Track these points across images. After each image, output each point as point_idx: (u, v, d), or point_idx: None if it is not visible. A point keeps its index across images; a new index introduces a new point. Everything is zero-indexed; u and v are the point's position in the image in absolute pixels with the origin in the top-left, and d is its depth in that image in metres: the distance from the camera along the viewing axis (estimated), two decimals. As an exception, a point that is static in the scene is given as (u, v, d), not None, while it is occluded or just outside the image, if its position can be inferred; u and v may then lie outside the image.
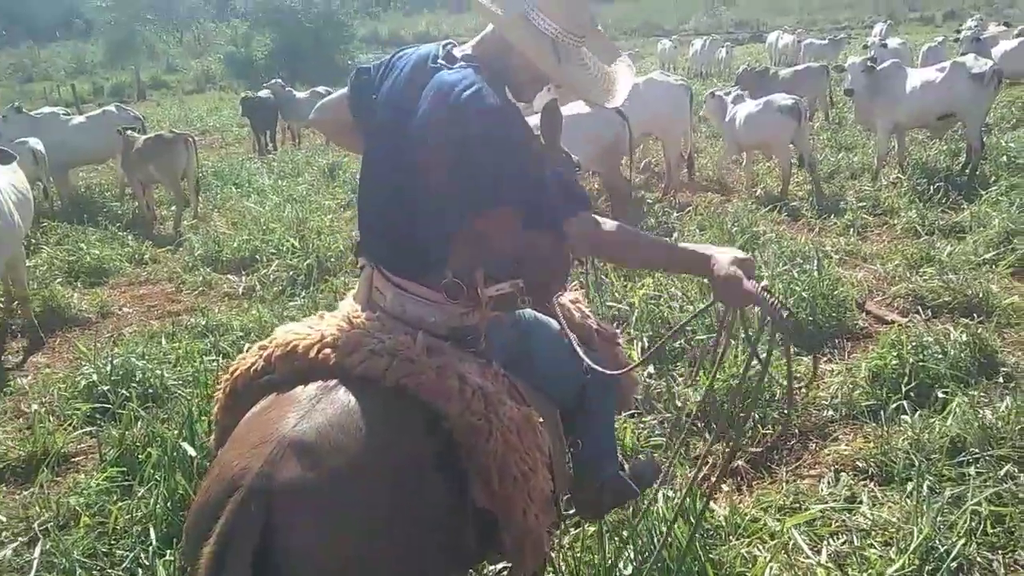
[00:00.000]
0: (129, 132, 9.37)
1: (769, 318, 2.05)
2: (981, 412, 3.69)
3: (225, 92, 29.71)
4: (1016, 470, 3.35)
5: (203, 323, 5.77)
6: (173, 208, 9.51)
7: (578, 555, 2.92)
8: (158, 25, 44.28)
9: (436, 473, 1.86)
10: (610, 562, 2.82)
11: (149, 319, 6.41)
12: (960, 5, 48.20)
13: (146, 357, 5.05)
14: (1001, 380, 4.15)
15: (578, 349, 2.29)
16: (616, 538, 2.95)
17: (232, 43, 35.98)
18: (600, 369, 2.37)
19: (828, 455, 3.78)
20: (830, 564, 2.95)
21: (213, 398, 2.33)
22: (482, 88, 1.99)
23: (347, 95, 2.32)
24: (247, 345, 2.68)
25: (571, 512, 2.54)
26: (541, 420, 2.10)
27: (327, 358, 1.94)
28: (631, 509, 3.00)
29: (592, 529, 2.95)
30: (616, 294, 5.45)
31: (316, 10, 32.78)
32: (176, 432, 3.68)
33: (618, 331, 2.76)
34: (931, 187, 8.02)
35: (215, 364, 4.74)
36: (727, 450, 3.73)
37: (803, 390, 3.95)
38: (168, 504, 3.37)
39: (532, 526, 1.99)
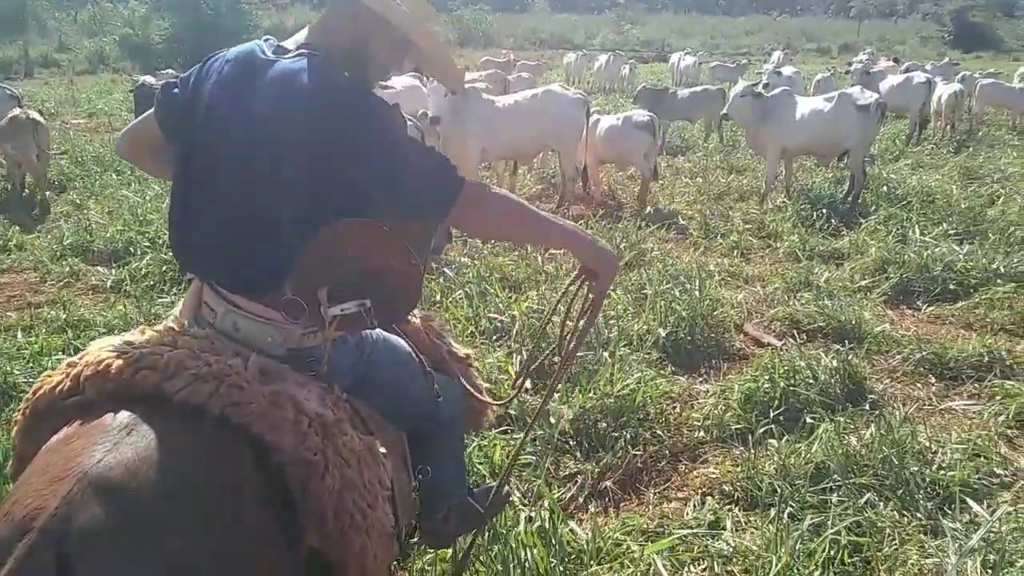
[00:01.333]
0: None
1: None
2: (846, 439, 3.74)
3: (118, 75, 28.58)
4: (876, 498, 3.39)
5: (63, 317, 5.45)
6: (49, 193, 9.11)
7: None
8: (51, 1, 42.36)
9: (263, 513, 1.67)
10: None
11: (7, 310, 6.02)
12: (855, 38, 50.32)
13: (-1, 351, 4.73)
14: (867, 407, 4.21)
15: (429, 370, 2.19)
16: (473, 564, 2.84)
17: (129, 25, 34.64)
18: (472, 389, 2.29)
19: (696, 477, 3.76)
20: (689, 591, 2.91)
21: (12, 420, 2.04)
22: (334, 73, 1.87)
23: (156, 114, 2.09)
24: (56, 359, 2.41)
25: (415, 541, 2.42)
26: (384, 451, 1.96)
27: (144, 380, 1.72)
28: (490, 533, 2.90)
29: (448, 554, 2.84)
30: (499, 305, 5.37)
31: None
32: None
33: (470, 352, 2.64)
34: (814, 213, 8.24)
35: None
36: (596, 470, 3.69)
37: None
38: None
39: (370, 567, 1.84)
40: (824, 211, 8.22)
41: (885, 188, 9.10)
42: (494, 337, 5.03)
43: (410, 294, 2.05)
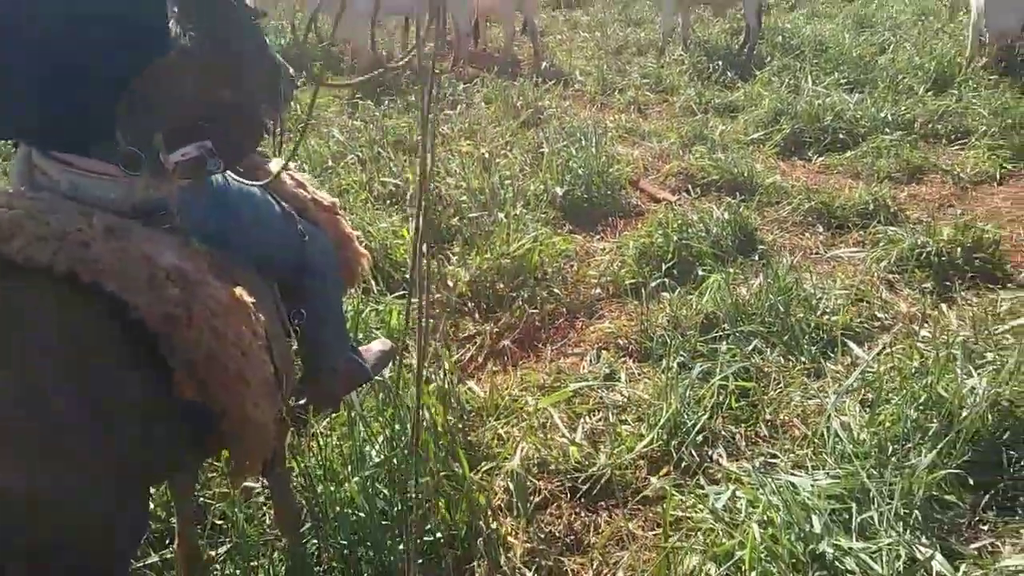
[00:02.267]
0: None
1: None
2: (735, 289, 3.83)
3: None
4: (763, 345, 3.50)
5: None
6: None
7: (329, 443, 2.81)
8: None
9: (129, 371, 1.62)
10: (361, 449, 2.73)
11: None
12: None
13: None
14: (757, 258, 4.31)
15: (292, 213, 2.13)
16: (370, 424, 2.86)
17: None
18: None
19: (593, 333, 3.83)
20: (583, 442, 2.99)
21: None
22: None
23: None
24: None
25: (302, 402, 2.40)
26: (253, 300, 1.92)
27: None
28: (384, 395, 2.92)
29: (344, 414, 2.83)
30: (393, 169, 5.26)
31: None
32: None
33: (336, 200, 2.57)
34: (711, 66, 8.22)
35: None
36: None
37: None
38: None
39: (252, 415, 1.81)
40: (720, 64, 8.21)
41: (780, 38, 9.11)
42: (388, 202, 4.95)
43: (250, 127, 1.96)
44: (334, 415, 2.88)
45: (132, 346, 1.63)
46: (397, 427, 2.73)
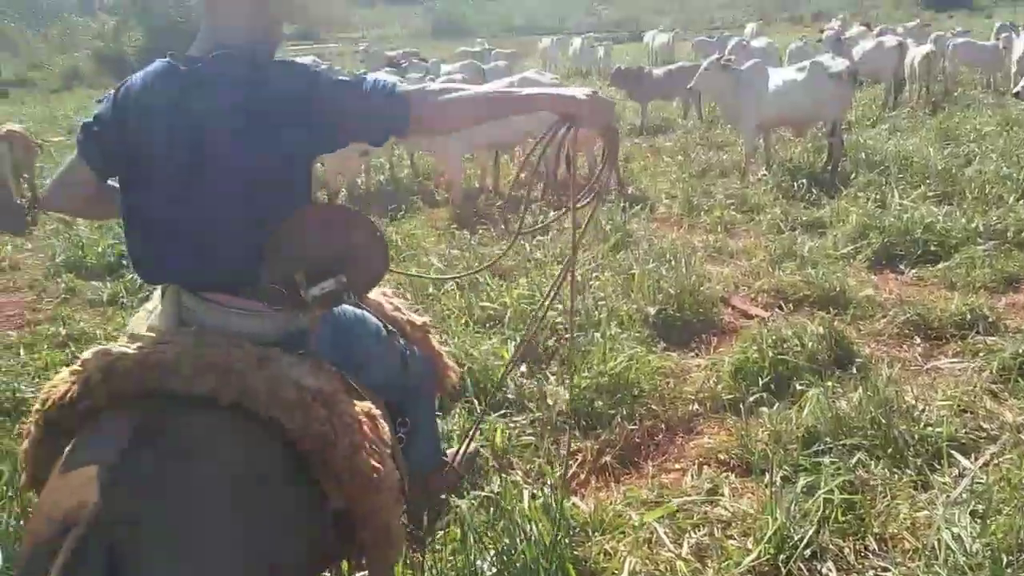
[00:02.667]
0: None
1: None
2: (835, 402, 3.85)
3: (95, 90, 28.46)
4: (866, 457, 3.50)
5: (64, 332, 5.54)
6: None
7: (441, 556, 2.91)
8: (19, 20, 42.07)
9: (287, 487, 1.82)
10: (474, 563, 2.82)
11: (6, 329, 6.09)
12: (828, 5, 50.33)
13: (2, 369, 4.81)
14: (855, 371, 4.32)
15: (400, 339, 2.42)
16: (480, 539, 2.95)
17: (99, 38, 34.49)
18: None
19: (693, 449, 3.88)
20: (690, 556, 3.02)
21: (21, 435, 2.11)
22: (253, 62, 2.02)
23: (81, 158, 2.18)
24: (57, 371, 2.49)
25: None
26: (379, 412, 2.10)
27: (152, 377, 1.82)
28: (494, 510, 3.02)
29: (456, 530, 2.95)
30: (491, 294, 5.47)
31: (189, 4, 31.73)
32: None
33: (427, 319, 2.84)
34: (795, 184, 8.35)
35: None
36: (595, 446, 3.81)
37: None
38: (20, 522, 3.21)
39: (388, 520, 1.99)
40: (804, 182, 8.34)
41: (863, 155, 9.20)
42: (487, 325, 5.14)
43: (379, 263, 2.19)
44: (446, 530, 3.00)
45: (288, 464, 1.82)
46: (507, 540, 2.81)
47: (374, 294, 2.60)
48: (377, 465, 1.95)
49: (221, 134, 1.96)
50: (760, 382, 4.22)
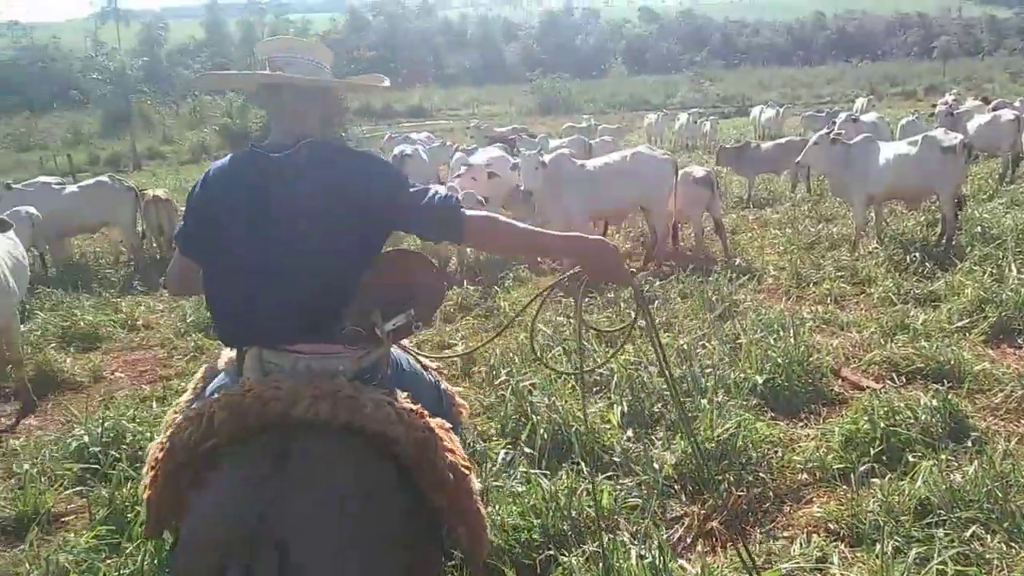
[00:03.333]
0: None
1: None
2: (949, 475, 3.80)
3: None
4: (982, 531, 3.44)
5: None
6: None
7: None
8: (154, 98, 44.90)
9: (400, 493, 2.05)
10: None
11: (140, 383, 6.49)
12: (941, 79, 49.41)
13: (136, 420, 5.16)
14: (970, 444, 4.25)
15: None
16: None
17: (227, 115, 36.50)
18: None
19: (801, 517, 3.87)
20: (799, 621, 3.02)
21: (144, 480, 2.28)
22: (345, 149, 2.42)
23: (185, 252, 2.55)
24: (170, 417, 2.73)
25: None
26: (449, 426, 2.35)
27: (273, 409, 2.03)
28: (602, 564, 3.09)
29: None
30: (596, 359, 5.58)
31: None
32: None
33: (440, 365, 3.32)
34: (907, 257, 8.24)
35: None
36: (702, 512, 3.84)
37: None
38: (155, 561, 3.45)
39: (480, 516, 2.25)
40: (917, 255, 8.22)
41: (979, 228, 9.01)
42: (594, 389, 5.24)
43: (438, 295, 2.58)
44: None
45: (395, 472, 2.07)
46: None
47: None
48: (466, 464, 2.21)
49: (331, 208, 2.27)
50: (871, 452, 4.19)
